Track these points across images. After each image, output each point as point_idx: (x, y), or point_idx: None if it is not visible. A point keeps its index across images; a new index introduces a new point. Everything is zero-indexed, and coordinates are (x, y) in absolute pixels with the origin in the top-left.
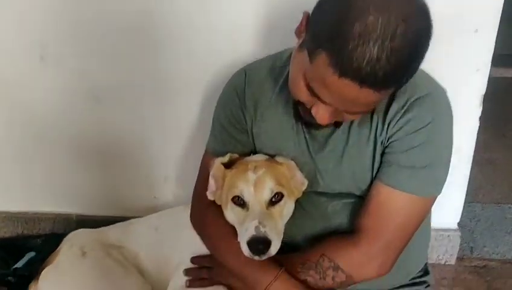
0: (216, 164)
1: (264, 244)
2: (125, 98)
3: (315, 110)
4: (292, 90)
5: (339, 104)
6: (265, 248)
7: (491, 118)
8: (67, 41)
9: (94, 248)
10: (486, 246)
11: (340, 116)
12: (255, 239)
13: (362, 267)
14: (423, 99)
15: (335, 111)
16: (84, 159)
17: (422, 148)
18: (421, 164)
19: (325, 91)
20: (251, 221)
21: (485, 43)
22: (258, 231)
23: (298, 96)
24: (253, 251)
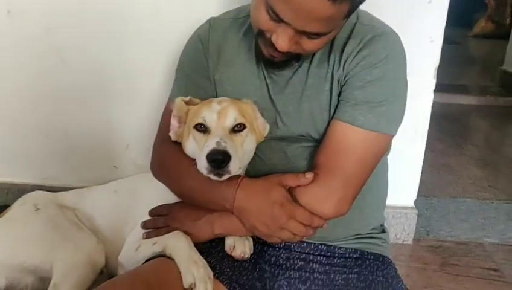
0: (178, 102)
1: (224, 156)
2: (89, 59)
3: (275, 36)
4: (253, 20)
5: (297, 21)
6: (224, 161)
7: (449, 133)
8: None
9: (48, 205)
10: (442, 230)
11: (299, 44)
12: (214, 151)
13: (320, 203)
14: (378, 38)
15: (294, 36)
16: (42, 125)
17: (378, 83)
18: (377, 99)
19: (284, 6)
20: (212, 138)
21: (438, 14)
22: (219, 145)
23: (259, 24)
24: (213, 164)
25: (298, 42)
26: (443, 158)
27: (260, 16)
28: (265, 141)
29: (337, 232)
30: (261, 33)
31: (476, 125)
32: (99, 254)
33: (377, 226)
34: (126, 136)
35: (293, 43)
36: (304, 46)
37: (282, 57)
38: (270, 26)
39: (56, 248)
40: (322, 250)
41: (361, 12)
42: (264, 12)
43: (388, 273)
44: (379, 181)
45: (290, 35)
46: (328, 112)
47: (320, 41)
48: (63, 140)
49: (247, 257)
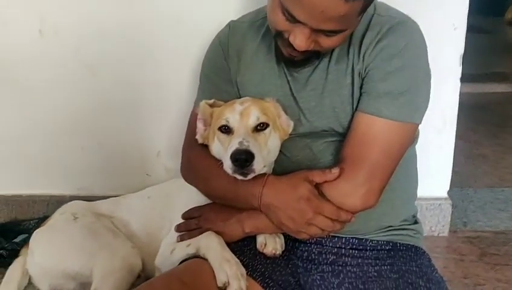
0: (202, 105)
1: (247, 155)
2: (117, 73)
3: (292, 37)
4: (270, 21)
5: (312, 21)
6: (248, 159)
7: (483, 123)
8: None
9: (85, 214)
10: (480, 221)
11: (317, 43)
12: (237, 151)
13: (347, 197)
14: (396, 27)
15: (311, 35)
16: (77, 138)
17: (399, 73)
18: (399, 89)
19: (298, 7)
20: (236, 139)
21: (460, 1)
22: (242, 144)
23: (276, 25)
24: (237, 163)
25: (316, 40)
26: (478, 148)
27: (276, 18)
28: (290, 138)
29: (369, 226)
30: (279, 34)
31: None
32: (135, 258)
33: (408, 217)
34: (157, 143)
35: (310, 41)
36: (322, 43)
37: (301, 56)
38: (287, 26)
39: (94, 254)
40: (353, 243)
41: (378, 4)
42: (280, 14)
43: (422, 263)
44: (408, 172)
45: (306, 34)
46: (351, 105)
47: (338, 37)
48: (98, 151)
49: (279, 254)
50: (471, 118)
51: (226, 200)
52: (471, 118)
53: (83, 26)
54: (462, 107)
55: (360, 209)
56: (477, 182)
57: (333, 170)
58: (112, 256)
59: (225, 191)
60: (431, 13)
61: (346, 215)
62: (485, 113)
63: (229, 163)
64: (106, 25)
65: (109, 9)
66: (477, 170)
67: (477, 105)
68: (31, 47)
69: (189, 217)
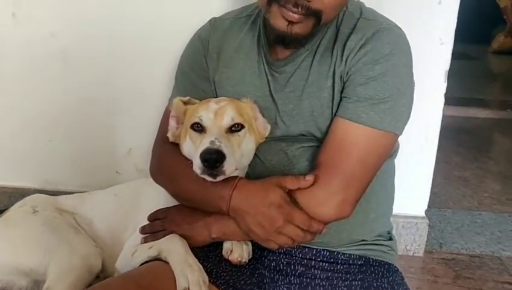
0: (176, 102)
1: (218, 155)
2: (92, 64)
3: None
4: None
5: None
6: (218, 160)
7: (466, 146)
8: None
9: (46, 208)
10: (456, 243)
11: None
12: (208, 150)
13: (320, 205)
14: (381, 33)
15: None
16: (45, 129)
17: (381, 79)
18: (380, 95)
19: None
20: (206, 138)
21: (448, 15)
22: (213, 144)
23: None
24: (206, 164)
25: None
26: (459, 171)
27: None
28: (265, 141)
29: (341, 238)
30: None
31: (494, 139)
32: (96, 258)
33: (383, 232)
34: (129, 140)
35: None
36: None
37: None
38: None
39: (51, 251)
40: (324, 256)
41: (365, 8)
42: None
43: (394, 281)
44: (385, 185)
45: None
46: (330, 108)
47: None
48: (67, 145)
49: (245, 262)
50: (454, 141)
51: (193, 202)
52: (454, 141)
53: (59, 12)
54: (445, 130)
55: (334, 219)
56: (456, 204)
57: (307, 177)
58: (70, 254)
59: (193, 193)
60: (418, 26)
61: (317, 225)
62: (467, 137)
63: (199, 162)
64: (84, 14)
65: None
66: (457, 192)
67: (460, 128)
68: (2, 30)
69: (155, 219)
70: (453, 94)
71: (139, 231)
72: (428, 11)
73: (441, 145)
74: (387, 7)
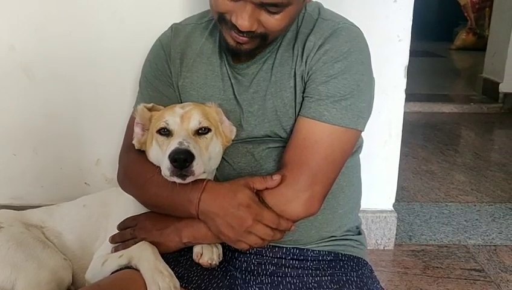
0: (140, 109)
1: (186, 155)
2: (55, 75)
3: (235, 17)
4: (213, 5)
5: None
6: (187, 159)
7: (431, 140)
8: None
9: (12, 224)
10: (424, 235)
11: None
12: (177, 150)
13: (288, 203)
14: (339, 31)
15: (254, 12)
16: (9, 143)
17: (341, 76)
18: (341, 92)
19: None
20: (174, 140)
21: (404, 13)
22: (181, 144)
23: (218, 8)
24: (176, 164)
25: (259, 20)
26: (426, 165)
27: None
28: (232, 144)
29: (310, 235)
30: (223, 18)
31: (459, 132)
32: (66, 271)
33: (352, 228)
34: (96, 150)
35: (253, 20)
36: (265, 23)
37: (248, 41)
38: (229, 6)
39: (18, 267)
40: (294, 254)
41: (322, 8)
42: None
43: (363, 274)
44: (351, 181)
45: (249, 11)
46: (293, 108)
47: (282, 16)
48: (33, 158)
49: (216, 264)
50: (421, 136)
51: (162, 208)
52: (421, 136)
53: (18, 23)
54: (412, 126)
55: (302, 217)
56: (423, 197)
57: (274, 177)
58: (38, 268)
59: (162, 198)
60: (376, 24)
61: (286, 223)
62: (433, 132)
63: (167, 163)
64: (44, 23)
65: (48, 7)
66: (424, 185)
67: (426, 124)
68: None
69: (125, 227)
70: (418, 91)
71: (109, 240)
72: (385, 9)
73: (408, 140)
74: (345, 7)
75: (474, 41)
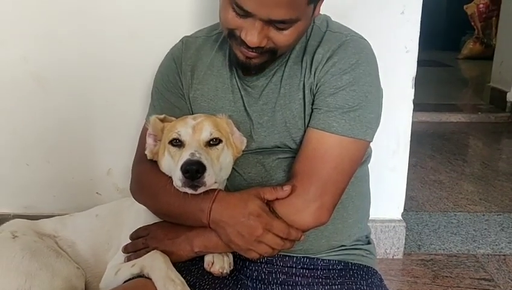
0: (153, 120)
1: (198, 166)
2: (68, 85)
3: (244, 33)
4: (222, 21)
5: (261, 9)
6: (199, 171)
7: (440, 150)
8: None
9: (27, 233)
10: (433, 244)
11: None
12: (189, 161)
13: (298, 213)
14: (347, 44)
15: (262, 29)
16: (23, 154)
17: (349, 88)
18: (350, 104)
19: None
20: (186, 151)
21: (411, 24)
22: (193, 155)
23: (227, 23)
24: (187, 175)
25: (268, 36)
26: (434, 175)
27: (227, 15)
28: (242, 155)
29: (320, 244)
30: (232, 34)
31: (467, 142)
32: (79, 280)
33: (361, 237)
34: (108, 160)
35: (262, 36)
36: (274, 39)
37: (257, 57)
38: (238, 23)
39: (32, 276)
40: (304, 263)
41: (330, 21)
42: (230, 10)
43: (373, 283)
44: (360, 191)
45: (258, 28)
46: (302, 119)
47: (291, 32)
48: (45, 168)
49: (226, 273)
50: (429, 146)
51: (174, 217)
52: (429, 146)
53: (32, 35)
54: (419, 136)
55: (312, 226)
56: (432, 206)
57: (285, 187)
58: (52, 277)
59: (173, 207)
60: (384, 36)
61: (296, 233)
62: (441, 142)
63: (179, 175)
64: (57, 34)
65: (61, 18)
66: (433, 195)
67: (434, 133)
68: None
69: (137, 237)
70: (426, 100)
71: (122, 250)
72: (392, 21)
73: (416, 150)
74: (352, 19)
75: (482, 50)
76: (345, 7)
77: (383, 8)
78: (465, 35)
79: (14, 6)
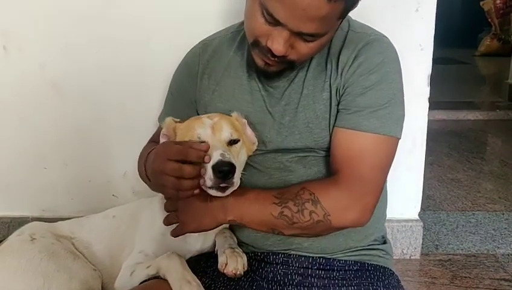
0: (167, 120)
1: (231, 167)
2: (84, 90)
3: (271, 41)
4: (249, 28)
5: (293, 20)
6: (230, 171)
7: (457, 148)
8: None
9: (44, 235)
10: (451, 244)
11: (294, 49)
12: (221, 162)
13: (345, 210)
14: (371, 44)
15: (290, 38)
16: (40, 157)
17: (377, 87)
18: (379, 103)
19: (279, 5)
20: (214, 151)
21: (426, 22)
22: (224, 156)
23: (255, 30)
24: (220, 175)
25: (293, 46)
26: (452, 173)
27: (255, 22)
28: (261, 153)
29: (337, 243)
30: (256, 42)
31: (485, 140)
32: (95, 281)
33: (378, 237)
34: (123, 163)
35: (288, 46)
36: (299, 50)
37: (276, 64)
38: (266, 30)
39: (50, 278)
40: (320, 263)
41: (352, 21)
42: (260, 16)
43: (390, 284)
44: None
45: (285, 37)
46: (326, 120)
47: (316, 45)
48: (63, 171)
49: (240, 274)
50: (446, 144)
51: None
52: (446, 144)
53: (48, 42)
54: (437, 134)
55: (354, 225)
56: (450, 205)
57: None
58: (70, 279)
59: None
60: (398, 34)
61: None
62: (458, 140)
63: (211, 174)
64: (73, 41)
65: (76, 26)
66: (451, 194)
67: (451, 131)
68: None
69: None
70: (443, 98)
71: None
72: (407, 18)
73: (434, 148)
74: (367, 17)
75: (499, 47)
76: (360, 5)
77: (397, 5)
78: (482, 32)
79: (30, 16)
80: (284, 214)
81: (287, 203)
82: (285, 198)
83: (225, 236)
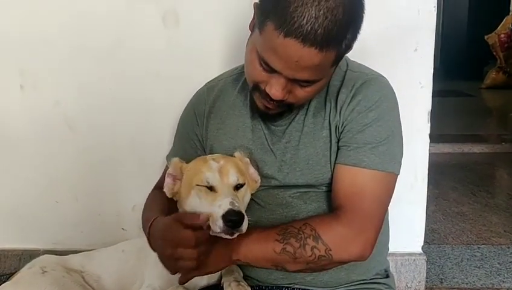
0: (174, 160)
1: (240, 216)
2: (95, 127)
3: (269, 87)
4: (248, 74)
5: (288, 70)
6: (240, 220)
7: (462, 181)
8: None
9: (55, 268)
10: (456, 278)
11: (292, 93)
12: (231, 212)
13: (347, 244)
14: (369, 82)
15: (287, 85)
16: (52, 192)
17: (376, 124)
18: (377, 139)
19: (274, 57)
20: (224, 198)
21: (424, 61)
22: (233, 205)
23: (254, 77)
24: (229, 224)
25: (291, 91)
26: (457, 207)
27: (254, 69)
28: (263, 189)
29: (340, 277)
30: (256, 87)
31: (490, 173)
32: None
33: (380, 271)
34: (132, 197)
35: (286, 91)
36: (296, 94)
37: (276, 107)
38: (264, 77)
39: None
40: None
41: (349, 61)
42: (258, 65)
43: None
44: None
45: (282, 84)
46: (326, 157)
47: (312, 89)
48: (73, 205)
49: None
50: (451, 177)
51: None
52: (451, 177)
53: (62, 81)
54: (441, 167)
55: (356, 259)
56: (455, 239)
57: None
58: None
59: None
60: (398, 73)
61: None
62: (463, 173)
63: (221, 223)
64: (86, 79)
65: (89, 63)
66: (456, 227)
67: (456, 165)
68: (11, 101)
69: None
70: (448, 131)
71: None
72: (406, 58)
73: (439, 182)
74: (366, 56)
75: (505, 80)
76: (360, 45)
77: (397, 45)
78: (488, 65)
79: (45, 56)
80: (286, 250)
81: (289, 240)
82: (287, 234)
83: (231, 269)
